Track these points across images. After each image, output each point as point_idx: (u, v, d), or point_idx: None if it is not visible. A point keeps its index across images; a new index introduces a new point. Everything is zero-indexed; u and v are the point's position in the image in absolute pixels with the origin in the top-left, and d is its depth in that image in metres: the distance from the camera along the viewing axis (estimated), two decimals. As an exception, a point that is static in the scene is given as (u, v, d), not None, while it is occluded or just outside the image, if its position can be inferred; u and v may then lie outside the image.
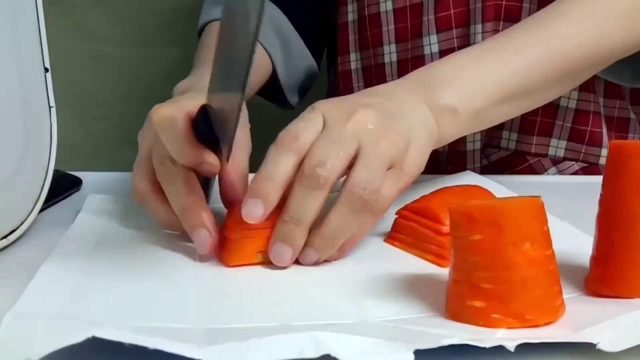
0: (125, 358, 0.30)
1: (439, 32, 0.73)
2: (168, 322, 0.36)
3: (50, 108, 0.51)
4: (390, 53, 0.78)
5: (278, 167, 0.44)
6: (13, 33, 0.47)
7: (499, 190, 0.58)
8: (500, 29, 0.71)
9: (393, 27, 0.76)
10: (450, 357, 0.32)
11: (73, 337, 0.30)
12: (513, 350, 0.32)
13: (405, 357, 0.30)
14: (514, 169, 0.76)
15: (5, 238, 0.48)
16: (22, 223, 0.49)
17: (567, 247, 0.41)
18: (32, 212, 0.50)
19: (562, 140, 0.74)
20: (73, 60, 1.07)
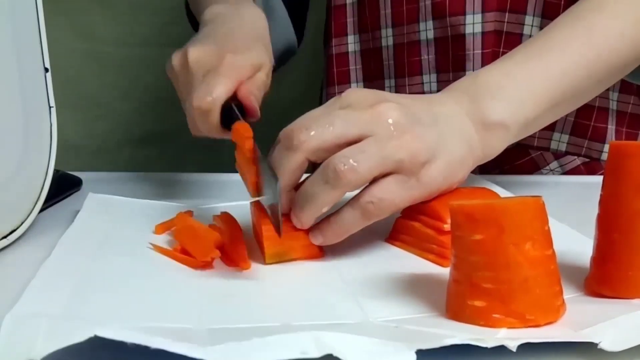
0: (127, 358, 0.30)
1: (435, 18, 0.73)
2: (170, 322, 0.36)
3: (50, 108, 0.51)
4: (387, 37, 0.77)
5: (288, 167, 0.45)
6: (13, 33, 0.47)
7: (500, 192, 0.58)
8: (506, 21, 0.70)
9: (390, 11, 0.76)
10: (452, 357, 0.32)
11: (75, 336, 0.30)
12: (515, 350, 0.32)
13: (407, 357, 0.30)
14: (516, 162, 0.76)
15: (5, 238, 0.48)
16: (22, 223, 0.49)
17: (567, 248, 0.41)
18: (32, 212, 0.50)
19: (564, 134, 0.74)
20: (73, 60, 1.07)
